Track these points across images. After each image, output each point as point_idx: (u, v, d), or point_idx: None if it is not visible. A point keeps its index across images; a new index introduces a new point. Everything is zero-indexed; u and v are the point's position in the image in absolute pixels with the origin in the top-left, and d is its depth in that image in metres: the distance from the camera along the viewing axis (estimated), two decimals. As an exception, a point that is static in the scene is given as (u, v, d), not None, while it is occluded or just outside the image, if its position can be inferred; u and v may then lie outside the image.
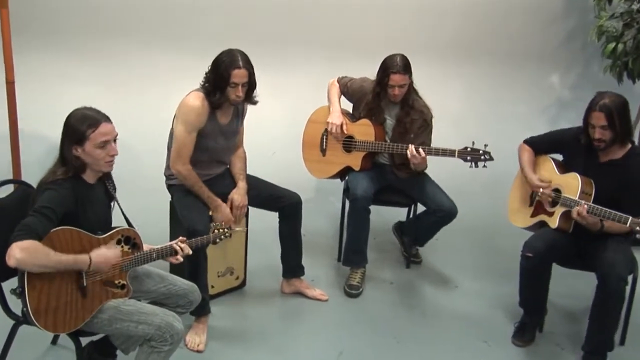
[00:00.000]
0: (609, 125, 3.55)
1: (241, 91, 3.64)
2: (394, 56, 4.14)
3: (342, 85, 4.45)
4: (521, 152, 4.03)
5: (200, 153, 3.77)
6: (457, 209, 4.23)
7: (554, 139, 3.92)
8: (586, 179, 3.69)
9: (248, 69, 3.63)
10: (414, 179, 4.36)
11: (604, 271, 3.50)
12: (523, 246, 3.71)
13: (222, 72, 3.59)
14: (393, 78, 4.11)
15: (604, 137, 3.59)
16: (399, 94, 4.15)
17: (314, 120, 4.55)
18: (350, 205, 4.19)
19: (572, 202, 3.63)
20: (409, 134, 4.24)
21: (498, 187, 4.51)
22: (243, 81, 3.62)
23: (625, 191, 3.59)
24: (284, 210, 3.99)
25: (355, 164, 4.36)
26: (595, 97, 3.62)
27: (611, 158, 3.68)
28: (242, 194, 3.89)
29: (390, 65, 4.11)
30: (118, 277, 2.98)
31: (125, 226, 3.06)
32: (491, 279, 4.52)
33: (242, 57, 3.61)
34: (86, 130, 2.86)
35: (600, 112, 3.55)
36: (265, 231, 4.25)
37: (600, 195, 3.64)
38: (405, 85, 4.15)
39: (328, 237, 4.87)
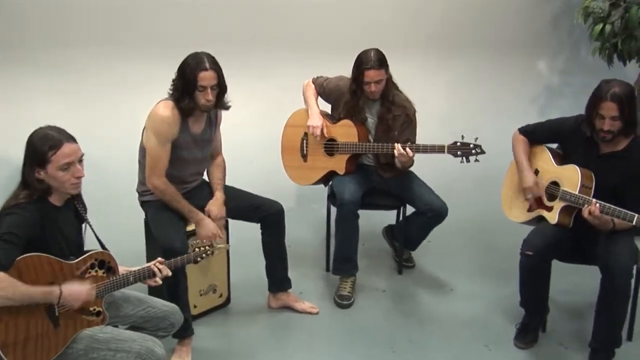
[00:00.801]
0: (620, 115, 3.52)
1: (210, 95, 3.62)
2: (367, 51, 4.15)
3: (318, 86, 4.44)
4: (515, 142, 4.01)
5: (174, 165, 3.75)
6: (447, 208, 4.23)
7: (551, 129, 3.90)
8: (586, 171, 3.67)
9: (216, 71, 3.61)
10: (400, 179, 4.36)
11: (609, 265, 3.50)
12: (522, 244, 3.71)
13: (188, 75, 3.58)
14: (368, 74, 4.11)
15: (612, 129, 3.55)
16: (376, 90, 4.15)
17: (292, 124, 4.53)
18: (338, 211, 4.18)
19: (572, 197, 3.62)
20: (392, 131, 4.24)
21: (490, 182, 4.52)
22: (211, 84, 3.61)
23: (629, 185, 3.58)
24: (265, 220, 3.97)
25: (339, 167, 4.35)
26: (602, 86, 3.57)
27: (613, 150, 3.66)
28: (219, 205, 3.87)
29: (364, 61, 4.11)
30: (93, 303, 2.94)
31: (98, 249, 3.03)
32: (488, 279, 4.53)
33: (209, 59, 3.61)
34: (47, 152, 2.82)
35: (613, 102, 3.50)
36: (248, 244, 4.23)
37: (600, 189, 3.63)
38: (382, 80, 4.14)
39: (314, 247, 4.86)
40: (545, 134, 3.93)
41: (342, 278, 4.30)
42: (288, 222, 4.07)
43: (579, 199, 3.59)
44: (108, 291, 2.98)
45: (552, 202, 3.77)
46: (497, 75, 6.33)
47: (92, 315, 2.95)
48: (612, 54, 4.93)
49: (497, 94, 6.31)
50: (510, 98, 6.31)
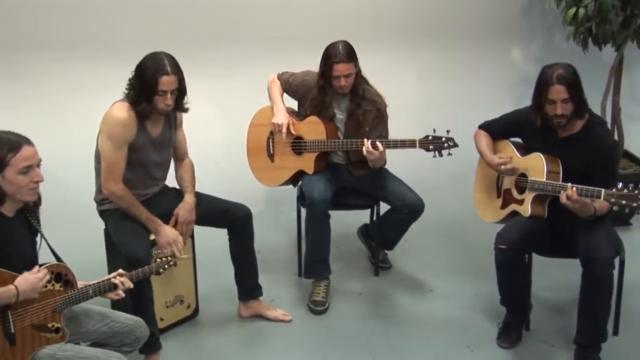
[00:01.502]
0: (570, 97, 3.59)
1: (170, 99, 3.61)
2: (335, 44, 4.15)
3: (284, 82, 4.44)
4: (477, 138, 4.08)
5: (132, 170, 3.73)
6: (423, 203, 4.25)
7: (509, 122, 3.98)
8: (551, 157, 3.73)
9: (177, 75, 3.60)
10: (373, 176, 4.37)
11: (588, 256, 3.54)
12: (496, 238, 3.75)
13: (148, 79, 3.56)
14: (337, 68, 4.11)
15: (565, 112, 3.62)
16: (346, 84, 4.16)
17: (256, 123, 4.53)
18: (308, 211, 4.18)
19: (541, 185, 3.68)
20: (363, 127, 4.25)
21: (466, 177, 4.53)
22: (172, 88, 3.60)
23: (592, 165, 3.64)
24: (232, 225, 3.97)
25: (308, 166, 4.35)
26: (545, 72, 3.66)
27: (570, 132, 3.73)
28: (189, 209, 3.86)
29: (332, 55, 4.12)
30: (51, 319, 2.92)
31: (54, 262, 3.00)
32: (468, 278, 4.56)
33: (170, 62, 3.59)
34: (6, 155, 2.81)
35: (561, 85, 3.58)
36: (215, 251, 4.22)
37: (567, 174, 3.69)
38: (351, 74, 4.15)
39: (285, 251, 4.86)
40: (504, 128, 4.00)
41: (315, 283, 4.30)
42: (257, 227, 4.06)
43: (548, 186, 3.65)
44: (67, 306, 2.96)
45: (523, 195, 3.82)
46: (469, 64, 6.35)
47: (51, 332, 2.92)
48: (586, 39, 4.97)
49: (470, 84, 6.33)
50: (484, 88, 6.34)
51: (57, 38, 5.51)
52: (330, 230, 4.22)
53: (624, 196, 3.34)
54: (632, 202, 3.32)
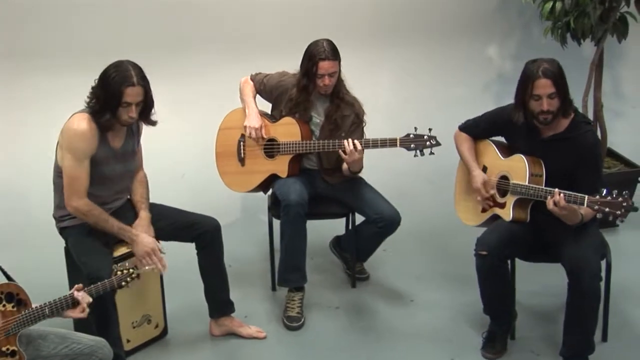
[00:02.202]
0: (557, 92, 3.60)
1: (134, 111, 3.60)
2: (318, 42, 4.19)
3: (257, 83, 4.45)
4: (458, 140, 4.10)
5: (94, 184, 3.71)
6: (399, 217, 4.26)
7: (491, 121, 3.99)
8: (533, 159, 3.75)
9: (143, 86, 3.60)
10: (348, 185, 4.38)
11: (574, 268, 3.56)
12: (476, 244, 3.76)
13: (112, 90, 3.55)
14: (322, 66, 4.14)
15: (552, 108, 3.63)
16: (330, 83, 4.19)
17: (226, 126, 4.53)
18: (283, 214, 4.17)
19: (523, 189, 3.69)
20: (340, 131, 4.26)
21: (446, 181, 4.55)
22: (137, 100, 3.59)
23: (577, 167, 3.66)
24: (200, 238, 3.95)
25: (282, 170, 4.35)
26: (528, 67, 3.66)
27: (555, 132, 3.75)
28: (146, 225, 3.84)
29: (317, 52, 4.15)
30: (5, 343, 2.89)
31: (4, 281, 2.97)
32: (451, 286, 4.57)
33: (136, 72, 3.58)
34: None
35: (547, 79, 3.59)
36: (183, 266, 4.19)
37: (551, 176, 3.71)
38: (335, 73, 4.20)
39: (257, 264, 4.84)
40: (485, 127, 4.01)
41: (290, 297, 4.29)
42: (227, 239, 4.05)
43: (530, 190, 3.66)
44: (21, 327, 2.93)
45: (505, 198, 3.84)
46: (445, 63, 6.38)
47: (6, 356, 2.89)
48: (565, 34, 5.02)
49: (446, 83, 6.36)
50: (461, 87, 6.37)
51: (13, 46, 5.47)
52: (306, 234, 4.22)
53: (607, 203, 3.35)
54: (615, 209, 3.34)
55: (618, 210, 3.33)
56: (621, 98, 6.36)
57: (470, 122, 4.09)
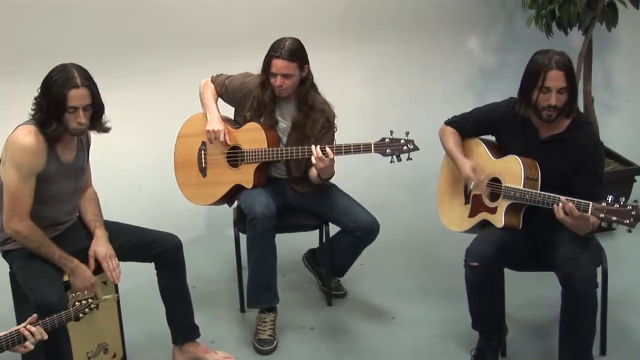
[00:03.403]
0: (568, 87, 3.62)
1: (83, 116, 3.58)
2: (282, 39, 4.21)
3: (219, 85, 4.45)
4: (444, 135, 4.09)
5: (43, 203, 3.69)
6: (377, 224, 4.27)
7: (481, 118, 4.00)
8: (529, 160, 3.76)
9: (89, 87, 3.58)
10: (320, 193, 4.39)
11: (567, 275, 3.57)
12: (465, 254, 3.77)
13: (55, 94, 3.53)
14: (275, 63, 4.16)
15: (559, 104, 3.64)
16: (282, 85, 4.19)
17: (185, 133, 4.54)
18: (249, 228, 4.17)
19: (517, 193, 3.70)
20: (309, 139, 4.27)
21: (427, 187, 4.58)
22: (84, 103, 3.57)
23: (577, 171, 3.69)
24: (160, 257, 3.94)
25: (246, 180, 4.35)
26: (538, 58, 3.66)
27: (554, 132, 3.77)
28: (105, 242, 3.83)
29: (274, 48, 4.18)
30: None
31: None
32: (435, 302, 4.58)
33: (80, 73, 3.56)
34: None
35: (560, 71, 3.59)
36: (142, 289, 4.19)
37: (547, 179, 3.72)
38: (290, 76, 4.19)
39: (224, 283, 4.83)
40: (475, 124, 4.03)
41: (261, 317, 4.29)
42: (189, 258, 4.05)
43: (525, 195, 3.67)
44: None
45: (495, 202, 3.85)
46: (424, 59, 6.40)
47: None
48: (550, 23, 5.05)
49: (425, 80, 6.38)
50: (441, 85, 6.40)
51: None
52: (276, 250, 4.22)
53: (615, 212, 3.36)
54: (623, 218, 3.34)
55: (626, 219, 3.33)
56: (613, 91, 6.41)
57: (459, 118, 4.09)
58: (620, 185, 5.08)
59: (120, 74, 5.47)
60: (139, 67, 5.72)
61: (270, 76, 4.20)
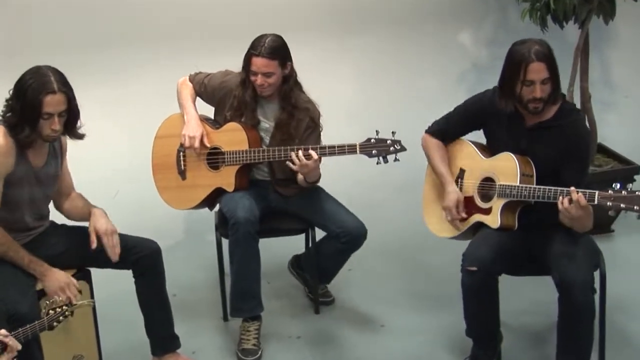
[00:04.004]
0: (550, 76, 3.64)
1: (58, 123, 3.58)
2: (263, 35, 4.22)
3: (197, 84, 4.46)
4: (428, 148, 4.11)
5: (11, 209, 3.68)
6: (365, 229, 4.28)
7: (466, 115, 4.01)
8: (523, 158, 3.78)
9: (65, 93, 3.58)
10: (305, 197, 4.39)
11: (564, 279, 3.58)
12: (463, 259, 3.77)
13: (29, 100, 3.53)
14: (255, 62, 4.16)
15: (544, 95, 3.66)
16: (264, 84, 4.20)
17: (163, 134, 4.53)
18: (231, 233, 4.17)
19: (514, 190, 3.70)
20: (293, 139, 4.28)
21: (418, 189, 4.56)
22: (59, 109, 3.57)
23: (563, 158, 3.71)
24: (138, 264, 3.93)
25: (228, 183, 4.35)
26: (517, 49, 3.69)
27: (541, 119, 3.79)
28: (104, 217, 3.85)
29: (254, 46, 4.19)
30: None
31: None
32: (426, 308, 4.59)
33: (57, 78, 3.56)
34: None
35: (541, 62, 3.61)
36: (119, 297, 4.18)
37: (537, 168, 3.74)
38: (271, 74, 4.19)
39: (206, 291, 4.83)
40: (460, 124, 4.04)
41: (244, 327, 4.29)
42: (169, 264, 4.04)
43: (523, 191, 3.67)
44: None
45: (489, 203, 3.86)
46: (414, 54, 6.42)
47: None
48: (544, 16, 5.06)
49: (415, 76, 6.40)
50: (432, 80, 6.42)
51: None
52: (259, 255, 4.22)
53: (623, 198, 3.36)
54: (633, 204, 3.34)
55: (636, 204, 3.33)
56: (611, 86, 6.45)
57: (440, 123, 4.09)
58: (620, 185, 5.08)
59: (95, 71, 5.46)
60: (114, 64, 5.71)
61: (251, 75, 4.20)
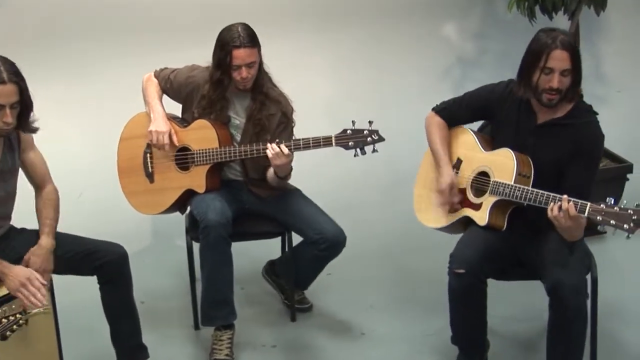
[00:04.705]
0: (573, 68, 3.65)
1: (10, 115, 3.56)
2: (232, 26, 4.21)
3: (163, 80, 4.45)
4: (430, 127, 4.09)
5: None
6: (344, 236, 4.28)
7: (478, 102, 4.00)
8: (523, 157, 3.77)
9: (17, 83, 3.55)
10: (281, 199, 4.40)
11: (555, 283, 3.58)
12: (450, 260, 3.77)
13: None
14: (237, 54, 4.15)
15: (562, 86, 3.66)
16: (248, 76, 4.20)
17: (128, 135, 4.53)
18: (202, 237, 4.16)
19: (507, 189, 3.69)
20: (266, 134, 4.27)
21: (401, 188, 4.59)
22: (11, 101, 3.55)
23: (573, 159, 3.71)
24: (102, 270, 3.90)
25: (198, 184, 4.34)
26: (541, 37, 3.68)
27: (553, 117, 3.79)
28: (43, 254, 3.79)
29: (231, 38, 4.16)
30: None
31: None
32: (409, 314, 4.59)
33: (6, 67, 3.54)
34: None
35: (565, 51, 3.62)
36: (83, 305, 4.16)
37: (541, 167, 3.73)
38: (254, 63, 4.20)
39: (177, 298, 4.82)
40: (469, 109, 4.03)
41: (217, 335, 4.28)
42: (137, 270, 4.03)
43: (516, 191, 3.67)
44: None
45: (481, 198, 3.86)
46: (395, 48, 6.41)
47: None
48: (533, 7, 5.07)
49: (397, 70, 6.40)
50: (415, 75, 6.41)
51: None
52: (232, 260, 4.21)
53: (614, 215, 3.35)
54: (623, 222, 3.32)
55: (626, 223, 3.32)
56: (603, 81, 6.45)
57: (449, 104, 4.09)
58: (611, 184, 5.11)
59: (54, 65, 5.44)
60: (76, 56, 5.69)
61: (233, 70, 4.19)
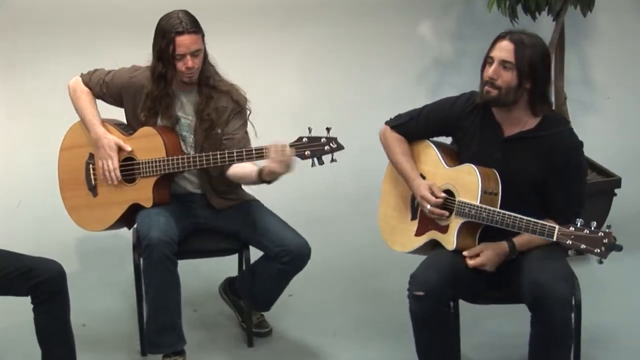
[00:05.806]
0: (516, 63, 3.65)
1: None
2: (171, 13, 4.20)
3: (96, 85, 4.42)
4: (388, 142, 4.09)
5: None
6: (308, 248, 4.25)
7: (437, 117, 4.00)
8: (488, 171, 3.77)
9: None
10: (238, 210, 4.39)
11: (538, 294, 3.56)
12: (409, 282, 3.76)
13: None
14: (180, 42, 4.12)
15: (496, 77, 3.68)
16: (194, 66, 4.17)
17: (69, 145, 4.51)
18: (145, 257, 4.14)
19: (473, 210, 3.70)
20: (215, 129, 4.27)
21: (370, 201, 4.58)
22: None
23: (549, 176, 3.72)
24: (38, 289, 3.83)
25: (145, 197, 4.32)
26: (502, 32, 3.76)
27: (521, 129, 3.79)
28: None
29: (171, 26, 4.13)
30: None
31: None
32: (378, 339, 4.58)
33: None
34: None
35: (511, 43, 3.66)
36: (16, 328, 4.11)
37: (510, 188, 3.73)
38: (200, 51, 4.18)
39: (121, 321, 4.77)
40: (428, 126, 4.03)
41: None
42: (78, 289, 4.01)
43: (482, 212, 3.68)
44: None
45: (447, 220, 3.85)
46: (368, 48, 6.45)
47: None
48: (514, 6, 5.10)
49: (370, 72, 6.44)
50: (389, 77, 6.45)
51: None
52: (179, 282, 4.19)
53: (584, 238, 3.41)
54: (594, 247, 3.40)
55: (597, 247, 3.39)
56: (591, 87, 6.49)
57: (405, 119, 4.08)
58: (598, 199, 5.11)
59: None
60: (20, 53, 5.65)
61: (177, 61, 4.16)
